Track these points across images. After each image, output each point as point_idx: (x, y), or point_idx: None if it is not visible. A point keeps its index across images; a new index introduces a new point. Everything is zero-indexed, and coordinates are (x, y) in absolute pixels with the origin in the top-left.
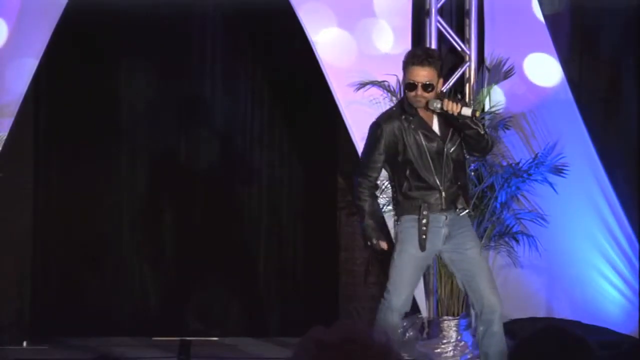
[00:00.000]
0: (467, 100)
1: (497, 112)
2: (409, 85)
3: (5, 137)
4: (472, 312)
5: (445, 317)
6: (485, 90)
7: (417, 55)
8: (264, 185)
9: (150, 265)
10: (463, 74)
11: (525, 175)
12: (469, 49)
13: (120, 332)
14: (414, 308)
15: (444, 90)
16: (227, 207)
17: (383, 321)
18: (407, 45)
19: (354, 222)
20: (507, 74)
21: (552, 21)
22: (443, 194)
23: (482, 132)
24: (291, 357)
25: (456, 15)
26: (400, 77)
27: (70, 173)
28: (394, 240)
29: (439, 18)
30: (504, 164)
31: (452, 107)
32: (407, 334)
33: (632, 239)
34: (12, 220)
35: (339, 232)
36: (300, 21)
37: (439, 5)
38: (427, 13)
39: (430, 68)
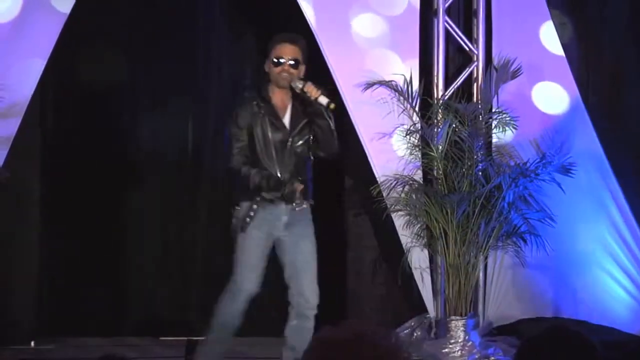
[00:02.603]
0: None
1: (504, 111)
2: (275, 61)
3: (12, 137)
4: (480, 311)
5: (453, 317)
6: (493, 88)
7: (284, 34)
8: None
9: (156, 265)
10: (471, 73)
11: (532, 175)
12: (477, 48)
13: (126, 331)
14: (422, 308)
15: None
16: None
17: (228, 302)
18: (415, 44)
19: (361, 221)
20: (515, 74)
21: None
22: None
23: (333, 128)
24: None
25: (464, 15)
26: (408, 77)
27: (77, 173)
28: (233, 226)
29: (447, 18)
30: (512, 163)
31: (311, 90)
32: (415, 334)
33: None
34: (18, 220)
35: (346, 232)
36: (307, 20)
37: (446, 5)
38: (435, 13)
39: (297, 47)
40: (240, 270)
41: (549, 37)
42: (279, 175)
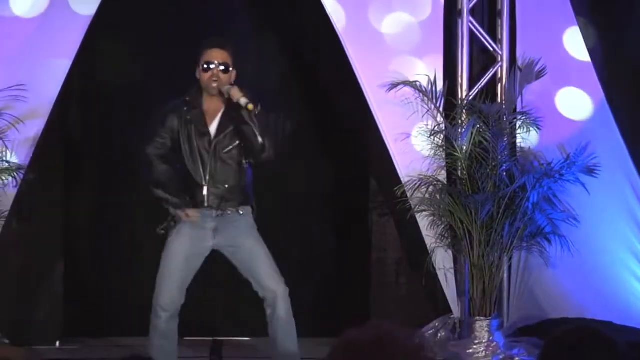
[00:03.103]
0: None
1: (528, 112)
2: (205, 67)
3: (37, 138)
4: (504, 312)
5: (477, 318)
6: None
7: (212, 39)
8: (296, 186)
9: None
10: (495, 74)
11: (557, 175)
12: (501, 49)
13: None
14: (446, 308)
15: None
16: (258, 208)
17: (152, 319)
18: (439, 45)
19: (385, 222)
20: (540, 74)
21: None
22: (206, 190)
23: (257, 133)
24: (325, 357)
25: (488, 16)
26: (432, 77)
27: (101, 174)
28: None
29: (471, 18)
30: (536, 164)
31: (234, 93)
32: (439, 335)
33: None
34: (43, 221)
35: (370, 233)
36: (332, 21)
37: (470, 6)
38: (459, 13)
39: (227, 52)
40: (157, 286)
41: (573, 42)
42: (203, 181)
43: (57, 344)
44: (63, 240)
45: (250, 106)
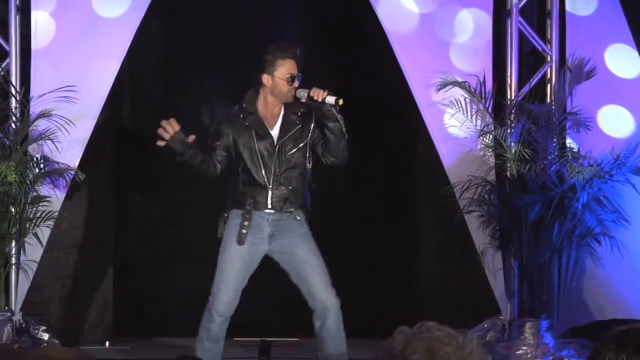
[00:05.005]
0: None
1: (578, 112)
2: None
3: (87, 139)
4: (553, 313)
5: (527, 319)
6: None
7: (290, 49)
8: (343, 185)
9: None
10: (544, 74)
11: (607, 176)
12: (550, 49)
13: None
14: (495, 309)
15: None
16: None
17: (204, 321)
18: (488, 45)
19: (434, 222)
20: (589, 75)
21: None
22: (269, 192)
23: (344, 130)
24: (376, 356)
25: (537, 16)
26: (481, 77)
27: (151, 175)
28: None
29: (520, 18)
30: (586, 164)
31: (318, 93)
32: (488, 336)
33: None
34: (93, 221)
35: (419, 233)
36: (381, 22)
37: (520, 6)
38: (508, 13)
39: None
40: (214, 289)
41: (615, 57)
42: (265, 182)
43: (107, 344)
44: (113, 241)
45: (341, 101)
